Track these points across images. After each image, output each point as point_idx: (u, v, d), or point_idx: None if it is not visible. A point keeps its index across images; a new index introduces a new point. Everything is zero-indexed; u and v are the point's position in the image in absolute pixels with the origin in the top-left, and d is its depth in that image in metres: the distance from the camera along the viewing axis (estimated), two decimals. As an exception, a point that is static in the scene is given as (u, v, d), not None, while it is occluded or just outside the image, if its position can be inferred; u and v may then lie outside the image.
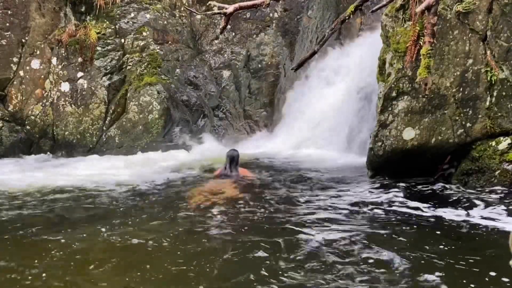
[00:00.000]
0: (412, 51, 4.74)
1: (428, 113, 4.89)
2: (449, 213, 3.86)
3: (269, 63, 9.34)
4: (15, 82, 7.95)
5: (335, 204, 4.24)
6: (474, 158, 4.79)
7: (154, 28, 8.50)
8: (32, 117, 7.95)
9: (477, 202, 4.10)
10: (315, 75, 8.93)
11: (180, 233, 3.46)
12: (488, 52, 4.74)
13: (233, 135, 8.98)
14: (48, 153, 7.83)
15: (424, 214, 3.89)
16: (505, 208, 3.88)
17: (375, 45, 5.95)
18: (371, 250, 3.05)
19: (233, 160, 5.29)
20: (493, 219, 3.65)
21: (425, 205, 4.11)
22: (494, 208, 3.90)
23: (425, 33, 3.45)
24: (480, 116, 4.80)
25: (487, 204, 4.00)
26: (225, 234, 3.43)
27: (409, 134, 4.93)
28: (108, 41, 8.23)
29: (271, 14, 9.48)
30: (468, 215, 3.79)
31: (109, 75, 8.13)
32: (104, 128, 7.98)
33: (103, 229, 3.54)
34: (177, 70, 8.67)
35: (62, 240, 3.29)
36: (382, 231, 3.46)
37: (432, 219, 3.74)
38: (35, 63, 8.05)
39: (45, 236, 3.39)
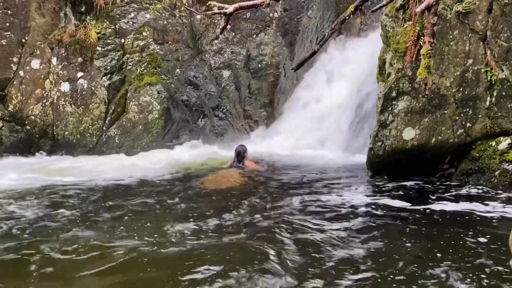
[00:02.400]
0: (412, 51, 4.74)
1: (428, 113, 4.89)
2: (449, 213, 3.86)
3: (269, 63, 9.34)
4: (15, 82, 7.95)
5: (334, 204, 4.24)
6: (474, 158, 4.79)
7: (154, 28, 8.49)
8: (32, 117, 7.95)
9: (477, 201, 4.10)
10: (316, 75, 8.93)
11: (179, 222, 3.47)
12: (488, 52, 4.74)
13: (233, 135, 8.98)
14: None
15: (424, 213, 3.89)
16: (505, 207, 3.89)
17: (375, 45, 5.95)
18: (371, 248, 3.05)
19: (239, 154, 5.96)
20: (493, 218, 3.65)
21: (425, 204, 4.11)
22: (494, 207, 3.91)
23: (425, 33, 3.45)
24: (480, 116, 4.80)
25: (487, 204, 4.01)
26: (219, 221, 3.45)
27: (409, 134, 4.94)
28: (108, 41, 8.22)
29: (271, 14, 9.47)
30: (468, 214, 3.79)
31: (109, 75, 8.12)
32: (104, 128, 7.97)
33: (113, 223, 3.55)
34: (177, 70, 8.66)
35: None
36: (382, 231, 3.46)
37: (433, 219, 3.74)
38: (35, 63, 8.05)
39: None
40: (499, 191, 4.38)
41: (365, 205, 4.19)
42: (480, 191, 4.47)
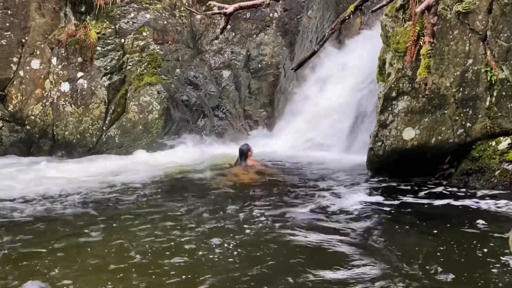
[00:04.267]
0: (412, 51, 4.74)
1: (428, 113, 4.89)
2: (450, 213, 3.86)
3: (269, 63, 9.34)
4: (15, 82, 7.96)
5: (334, 204, 4.24)
6: (474, 158, 4.79)
7: (154, 28, 8.50)
8: (32, 117, 7.95)
9: (477, 201, 4.10)
10: (315, 75, 8.92)
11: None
12: (488, 52, 4.74)
13: (233, 135, 8.97)
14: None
15: (425, 213, 3.89)
16: (504, 207, 3.89)
17: (375, 45, 5.95)
18: (371, 247, 3.05)
19: (242, 153, 6.00)
20: (493, 218, 3.65)
21: (426, 204, 4.11)
22: (494, 207, 3.91)
23: (425, 33, 3.45)
24: (480, 116, 4.80)
25: (487, 203, 4.01)
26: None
27: (409, 134, 4.93)
28: (108, 41, 8.23)
29: (271, 14, 9.47)
30: (468, 214, 3.79)
31: (109, 75, 8.12)
32: (104, 128, 7.98)
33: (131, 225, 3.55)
34: (177, 70, 8.66)
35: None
36: (382, 231, 3.46)
37: (433, 219, 3.74)
38: (35, 63, 8.05)
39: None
40: (499, 191, 4.37)
41: (365, 205, 4.19)
42: (480, 191, 4.47)
